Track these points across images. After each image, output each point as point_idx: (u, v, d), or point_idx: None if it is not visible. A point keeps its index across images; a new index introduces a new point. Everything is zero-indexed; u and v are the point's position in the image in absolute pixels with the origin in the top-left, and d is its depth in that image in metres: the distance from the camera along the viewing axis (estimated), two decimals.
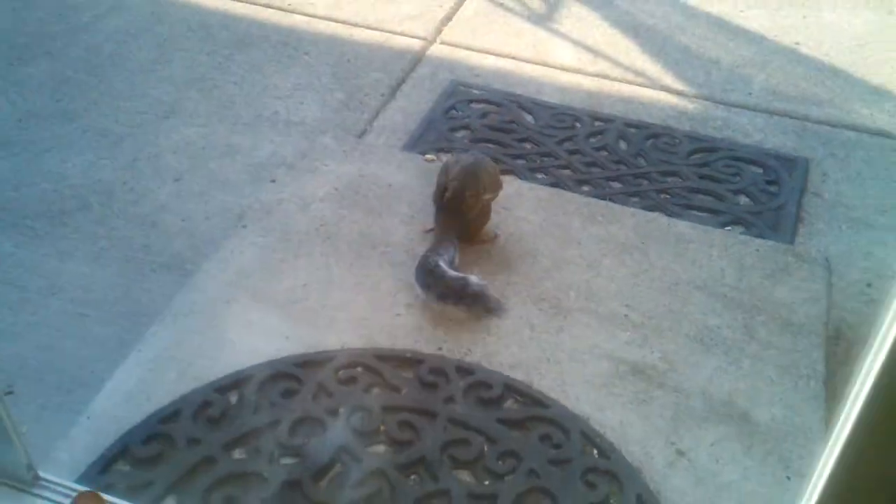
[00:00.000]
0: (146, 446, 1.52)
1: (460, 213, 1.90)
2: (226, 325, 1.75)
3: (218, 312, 1.78)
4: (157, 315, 1.79)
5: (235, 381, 1.63)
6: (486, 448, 1.55)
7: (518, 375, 1.67)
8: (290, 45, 2.79)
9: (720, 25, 2.94)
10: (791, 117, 2.54)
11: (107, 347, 1.78)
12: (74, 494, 1.28)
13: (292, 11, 2.94)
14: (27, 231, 2.11)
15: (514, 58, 2.76)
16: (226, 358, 1.67)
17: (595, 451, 1.56)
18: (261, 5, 2.96)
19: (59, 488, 1.29)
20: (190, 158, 2.33)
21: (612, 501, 1.49)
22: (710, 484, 1.51)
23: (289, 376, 1.65)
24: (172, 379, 1.63)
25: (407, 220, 2.01)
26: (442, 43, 2.83)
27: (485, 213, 1.96)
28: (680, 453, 1.56)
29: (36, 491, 1.28)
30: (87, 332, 1.85)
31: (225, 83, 2.62)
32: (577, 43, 2.84)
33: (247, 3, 2.97)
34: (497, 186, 1.97)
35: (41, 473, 1.29)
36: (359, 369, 1.67)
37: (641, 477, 1.52)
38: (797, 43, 2.85)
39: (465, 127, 2.45)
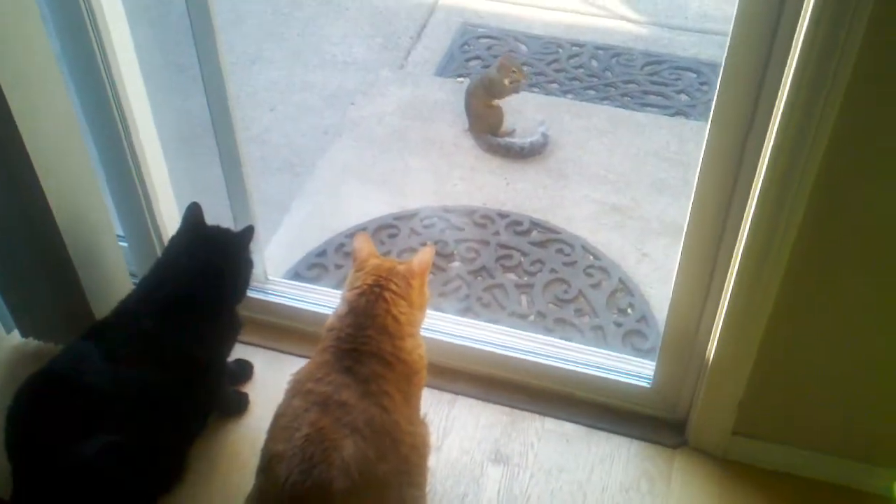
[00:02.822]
0: (310, 270, 2.41)
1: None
2: (343, 198, 2.64)
3: (336, 191, 2.66)
4: (286, 200, 2.65)
5: (357, 231, 2.52)
6: (522, 259, 2.46)
7: (538, 216, 2.58)
8: (333, 2, 3.61)
9: None
10: (718, 34, 3.42)
11: (263, 224, 2.64)
12: (287, 290, 2.16)
13: None
14: (171, 151, 2.94)
15: (507, 1, 3.60)
16: (347, 218, 2.56)
17: (591, 256, 2.47)
18: None
19: (281, 284, 2.18)
20: (278, 93, 3.17)
21: (603, 283, 2.40)
22: (663, 270, 2.43)
23: (390, 226, 2.54)
24: (316, 232, 2.52)
25: (451, 124, 2.89)
26: None
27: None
28: (644, 254, 2.48)
29: (268, 286, 2.17)
30: None
31: (290, 36, 3.44)
32: None
33: None
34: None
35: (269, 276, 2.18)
36: (435, 219, 2.56)
37: (621, 268, 2.43)
38: None
39: (477, 57, 3.31)
